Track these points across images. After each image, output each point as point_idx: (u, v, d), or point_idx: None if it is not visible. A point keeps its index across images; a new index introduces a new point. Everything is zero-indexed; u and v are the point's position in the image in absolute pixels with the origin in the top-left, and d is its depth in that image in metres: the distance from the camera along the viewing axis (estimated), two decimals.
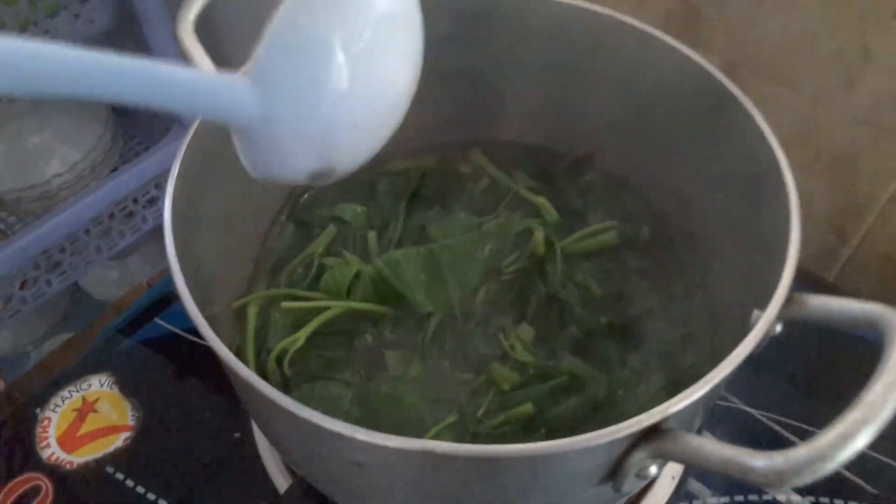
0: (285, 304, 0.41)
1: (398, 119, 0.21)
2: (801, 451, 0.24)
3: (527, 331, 0.43)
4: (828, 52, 0.48)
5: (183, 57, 0.41)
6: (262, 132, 0.17)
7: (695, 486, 0.46)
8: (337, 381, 0.40)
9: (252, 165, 0.20)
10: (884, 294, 0.55)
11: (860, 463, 0.45)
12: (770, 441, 0.47)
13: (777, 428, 0.48)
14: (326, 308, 0.41)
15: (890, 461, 0.46)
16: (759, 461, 0.25)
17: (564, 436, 0.26)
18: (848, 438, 0.24)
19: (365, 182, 0.51)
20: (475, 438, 0.38)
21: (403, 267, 0.43)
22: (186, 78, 0.16)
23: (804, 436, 0.48)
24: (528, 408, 0.37)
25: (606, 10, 0.44)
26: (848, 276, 0.56)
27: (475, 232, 0.47)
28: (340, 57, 0.17)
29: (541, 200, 0.49)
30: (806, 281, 0.58)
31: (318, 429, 0.27)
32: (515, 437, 0.37)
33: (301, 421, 0.27)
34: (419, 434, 0.38)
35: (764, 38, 0.50)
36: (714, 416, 0.48)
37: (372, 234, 0.47)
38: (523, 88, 0.50)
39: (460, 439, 0.38)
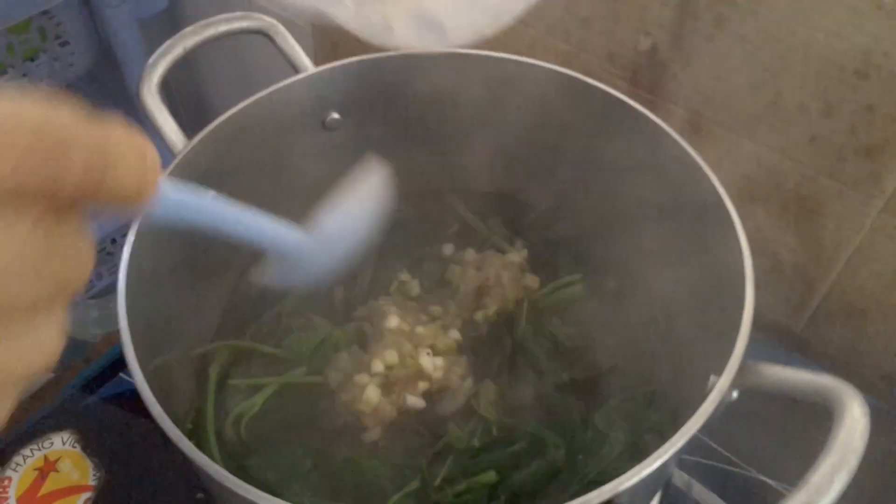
0: (232, 381, 0.41)
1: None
2: None
3: (490, 388, 0.43)
4: (791, 107, 0.48)
5: (148, 115, 0.42)
6: (299, 261, 0.27)
7: None
8: (295, 446, 0.39)
9: (272, 277, 0.28)
10: (852, 344, 0.55)
11: None
12: (735, 485, 0.47)
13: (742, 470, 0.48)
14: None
15: None
16: None
17: (525, 502, 0.26)
18: None
19: None
20: None
21: None
22: (282, 230, 0.25)
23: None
24: (490, 475, 0.37)
25: (573, 73, 0.44)
26: (816, 327, 0.56)
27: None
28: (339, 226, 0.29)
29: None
30: (774, 332, 0.58)
31: None
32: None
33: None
34: (380, 501, 0.37)
35: (729, 92, 0.51)
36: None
37: (339, 292, 0.47)
38: (495, 145, 0.51)
39: None
